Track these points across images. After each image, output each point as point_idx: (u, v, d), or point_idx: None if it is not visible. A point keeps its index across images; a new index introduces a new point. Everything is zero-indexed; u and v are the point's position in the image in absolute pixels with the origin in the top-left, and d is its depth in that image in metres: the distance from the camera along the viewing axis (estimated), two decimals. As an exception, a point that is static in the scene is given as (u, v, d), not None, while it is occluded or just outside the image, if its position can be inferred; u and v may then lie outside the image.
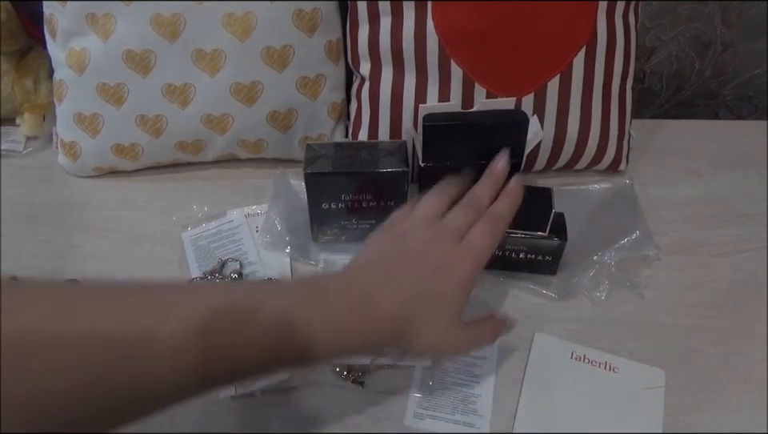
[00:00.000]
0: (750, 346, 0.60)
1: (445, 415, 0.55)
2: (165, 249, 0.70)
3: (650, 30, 0.84)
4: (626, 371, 0.58)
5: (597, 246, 0.66)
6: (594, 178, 0.76)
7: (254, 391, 0.56)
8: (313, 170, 0.61)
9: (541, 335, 0.61)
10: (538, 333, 0.61)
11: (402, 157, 0.62)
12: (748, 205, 0.74)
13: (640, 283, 0.65)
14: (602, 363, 0.59)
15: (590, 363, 0.59)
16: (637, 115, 0.79)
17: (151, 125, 0.73)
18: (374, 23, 0.69)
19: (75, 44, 0.71)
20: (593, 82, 0.69)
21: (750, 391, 0.57)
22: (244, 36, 0.69)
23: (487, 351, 0.59)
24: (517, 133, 0.62)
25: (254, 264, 0.68)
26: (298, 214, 0.70)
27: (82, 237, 0.71)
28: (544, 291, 0.64)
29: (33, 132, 0.82)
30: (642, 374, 0.58)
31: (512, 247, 0.63)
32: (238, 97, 0.71)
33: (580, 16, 0.66)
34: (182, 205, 0.74)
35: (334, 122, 0.77)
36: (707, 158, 0.80)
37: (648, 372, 0.58)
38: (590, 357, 0.59)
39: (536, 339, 0.61)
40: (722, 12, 0.82)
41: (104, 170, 0.78)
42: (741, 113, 0.95)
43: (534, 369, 0.58)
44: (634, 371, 0.58)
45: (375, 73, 0.71)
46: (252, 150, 0.77)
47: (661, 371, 0.58)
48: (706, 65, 0.89)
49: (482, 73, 0.67)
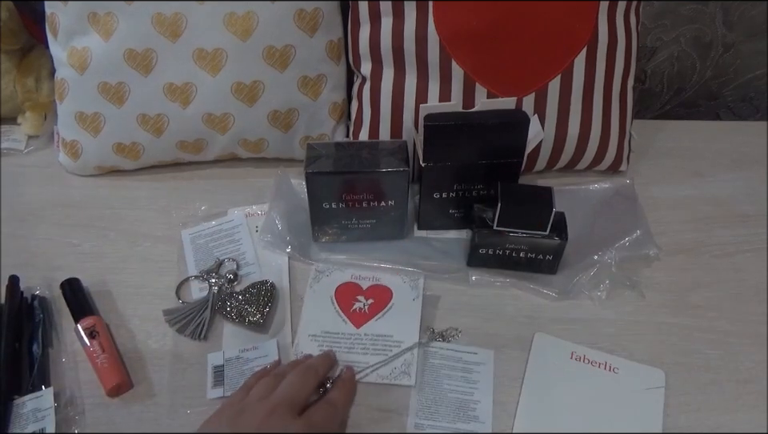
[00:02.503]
0: (750, 346, 0.60)
1: (445, 425, 0.55)
2: (165, 248, 0.70)
3: (651, 30, 0.84)
4: (626, 372, 0.58)
5: (597, 245, 0.66)
6: (595, 178, 0.76)
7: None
8: (314, 169, 0.61)
9: (541, 334, 0.61)
10: (538, 333, 0.61)
11: (403, 157, 0.62)
12: (749, 205, 0.74)
13: (640, 283, 0.65)
14: (602, 363, 0.59)
15: (590, 364, 0.59)
16: (638, 116, 0.79)
17: (152, 124, 0.73)
18: (375, 23, 0.69)
19: (77, 43, 0.71)
20: (594, 82, 0.69)
21: (750, 392, 0.57)
22: (245, 36, 0.69)
23: (483, 356, 0.59)
24: (517, 133, 0.62)
25: (251, 265, 0.68)
26: (298, 213, 0.70)
27: (82, 236, 0.71)
28: (544, 290, 0.64)
29: (34, 131, 0.82)
30: (642, 374, 0.58)
31: (513, 246, 0.63)
32: (239, 96, 0.71)
33: (581, 16, 0.66)
34: (182, 204, 0.74)
35: (334, 122, 0.77)
36: (708, 158, 0.81)
37: (648, 373, 0.58)
38: (590, 357, 0.59)
39: (536, 338, 0.61)
40: (723, 13, 0.82)
41: (105, 169, 0.78)
42: (742, 114, 0.95)
43: (534, 369, 0.58)
44: (634, 372, 0.58)
45: (376, 73, 0.71)
46: (253, 150, 0.77)
47: (661, 371, 0.58)
48: (707, 65, 0.89)
49: (482, 73, 0.67)
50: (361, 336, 0.61)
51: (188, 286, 0.66)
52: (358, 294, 0.64)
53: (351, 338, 0.60)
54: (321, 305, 0.63)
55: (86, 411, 0.56)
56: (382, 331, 0.61)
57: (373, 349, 0.60)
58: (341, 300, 0.64)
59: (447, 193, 0.67)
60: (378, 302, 0.63)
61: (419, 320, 0.61)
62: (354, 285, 0.65)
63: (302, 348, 0.60)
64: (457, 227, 0.71)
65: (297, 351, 0.60)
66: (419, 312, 0.62)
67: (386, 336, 0.60)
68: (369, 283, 0.65)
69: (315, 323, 0.62)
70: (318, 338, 0.61)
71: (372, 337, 0.60)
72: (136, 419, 0.56)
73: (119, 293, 0.65)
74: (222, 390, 0.57)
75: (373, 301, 0.63)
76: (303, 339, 0.61)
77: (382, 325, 0.62)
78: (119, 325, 0.62)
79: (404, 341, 0.60)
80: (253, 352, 0.59)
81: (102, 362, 0.57)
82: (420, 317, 0.62)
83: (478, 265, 0.66)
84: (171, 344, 0.61)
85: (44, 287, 0.65)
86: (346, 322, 0.62)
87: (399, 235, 0.69)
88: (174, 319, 0.62)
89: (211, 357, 0.59)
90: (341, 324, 0.62)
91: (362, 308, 0.63)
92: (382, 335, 0.61)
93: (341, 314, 0.62)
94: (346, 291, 0.64)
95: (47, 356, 0.60)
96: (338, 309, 0.63)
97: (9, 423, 0.54)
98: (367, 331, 0.61)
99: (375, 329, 0.61)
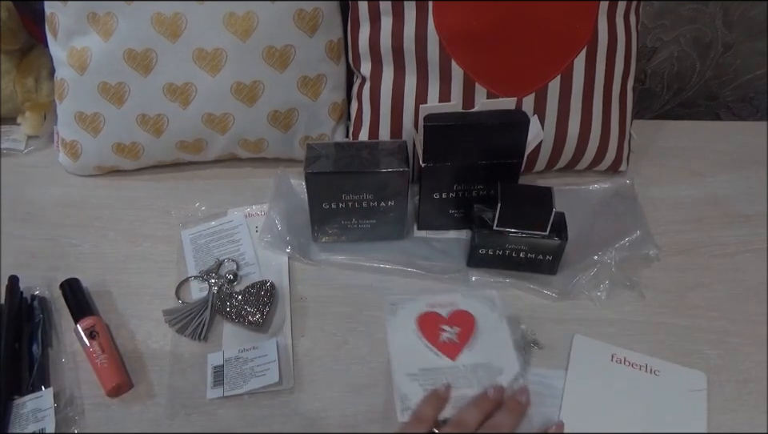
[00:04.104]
0: (750, 346, 0.60)
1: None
2: (165, 248, 0.70)
3: (651, 30, 0.84)
4: (668, 374, 0.58)
5: (597, 246, 0.66)
6: (595, 179, 0.76)
7: (242, 393, 0.57)
8: (313, 169, 0.61)
9: (579, 337, 0.60)
10: (577, 335, 0.61)
11: (403, 157, 0.62)
12: (748, 206, 0.74)
13: (640, 283, 0.65)
14: (643, 365, 0.58)
15: (630, 366, 0.58)
16: (637, 116, 0.80)
17: (152, 124, 0.73)
18: (375, 23, 0.69)
19: (76, 43, 0.71)
20: (594, 82, 0.69)
21: (750, 391, 0.57)
22: (245, 36, 0.69)
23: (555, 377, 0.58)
24: (517, 133, 0.62)
25: (250, 265, 0.68)
26: (298, 214, 0.70)
27: (82, 236, 0.71)
28: (545, 290, 0.64)
29: (34, 131, 0.82)
30: (683, 377, 0.58)
31: (513, 247, 0.63)
32: (239, 96, 0.71)
33: (581, 16, 0.66)
34: (182, 204, 0.74)
35: (334, 122, 0.77)
36: (708, 158, 0.81)
37: (689, 375, 0.58)
38: (631, 359, 0.59)
39: (575, 340, 0.60)
40: (723, 13, 0.82)
41: (105, 169, 0.78)
42: (741, 114, 0.95)
43: (574, 371, 0.58)
44: (675, 374, 0.58)
45: (376, 73, 0.71)
46: (253, 150, 0.77)
47: (702, 373, 0.58)
48: (707, 66, 0.89)
49: (482, 73, 0.67)
50: (459, 368, 0.56)
51: (188, 286, 0.66)
52: (442, 323, 0.59)
53: (451, 372, 0.56)
54: (407, 340, 0.58)
55: (86, 411, 0.56)
56: (478, 359, 0.56)
57: (477, 381, 0.55)
58: (426, 332, 0.58)
59: (447, 193, 0.67)
60: (464, 330, 0.58)
61: (511, 341, 0.58)
62: (435, 314, 0.60)
63: (405, 391, 0.54)
64: (457, 227, 0.71)
65: (401, 394, 0.54)
66: (508, 331, 0.58)
67: (485, 364, 0.56)
68: (448, 309, 0.60)
69: (409, 362, 0.57)
70: (419, 377, 0.55)
71: (471, 367, 0.56)
72: (136, 420, 0.56)
73: (119, 293, 0.65)
74: (222, 390, 0.57)
75: (460, 329, 0.58)
76: (402, 379, 0.55)
77: (477, 354, 0.57)
78: (119, 325, 0.62)
79: (503, 367, 0.56)
80: (252, 352, 0.59)
81: (102, 362, 0.57)
82: (510, 336, 0.58)
83: (477, 265, 0.66)
84: (171, 344, 0.61)
85: (44, 287, 0.65)
86: (439, 355, 0.57)
87: (399, 235, 0.69)
88: (173, 319, 0.62)
89: (211, 357, 0.59)
90: (434, 359, 0.57)
91: (451, 338, 0.58)
92: (480, 364, 0.56)
93: (430, 347, 0.57)
94: (429, 321, 0.59)
95: (47, 357, 0.60)
96: (425, 342, 0.58)
97: (9, 423, 0.54)
98: (465, 362, 0.56)
99: (471, 359, 0.56)
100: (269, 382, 0.57)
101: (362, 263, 0.67)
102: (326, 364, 0.60)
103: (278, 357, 0.59)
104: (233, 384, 0.57)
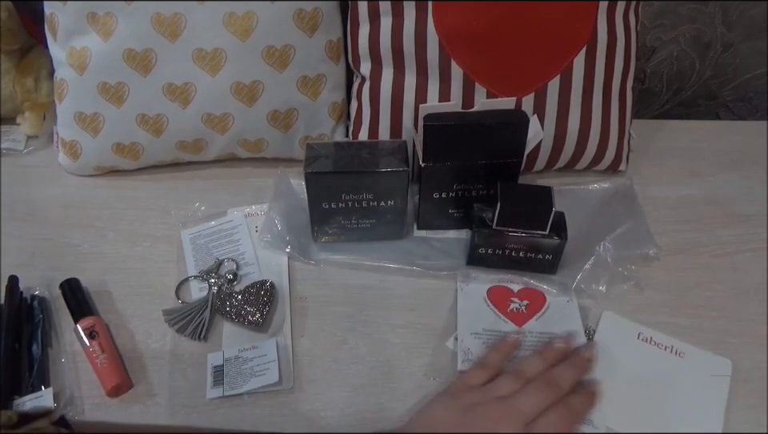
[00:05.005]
0: (749, 346, 0.60)
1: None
2: (164, 248, 0.70)
3: (651, 30, 0.84)
4: (693, 357, 0.58)
5: (597, 245, 0.66)
6: (594, 178, 0.76)
7: (242, 393, 0.57)
8: (313, 169, 0.61)
9: (608, 314, 0.61)
10: (605, 311, 0.61)
11: (403, 157, 0.62)
12: (748, 205, 0.74)
13: (640, 283, 0.65)
14: (669, 346, 0.59)
15: (656, 346, 0.59)
16: (637, 115, 0.79)
17: (152, 124, 0.73)
18: (375, 23, 0.69)
19: (76, 43, 0.71)
20: (593, 82, 0.69)
21: (750, 391, 0.57)
22: (245, 35, 0.69)
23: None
24: (517, 133, 0.62)
25: (250, 265, 0.68)
26: (298, 213, 0.70)
27: (82, 236, 0.71)
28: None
29: (33, 131, 0.82)
30: (708, 361, 0.58)
31: (512, 246, 0.63)
32: (239, 96, 0.71)
33: (580, 16, 0.66)
34: (182, 204, 0.74)
35: (334, 122, 0.77)
36: (707, 158, 0.80)
37: (715, 360, 0.58)
38: (657, 340, 0.59)
39: (603, 317, 0.61)
40: (722, 12, 0.82)
41: (104, 169, 0.78)
42: (741, 113, 0.95)
43: (600, 347, 0.58)
44: (701, 358, 0.58)
45: (376, 72, 0.71)
46: (252, 150, 0.77)
47: (728, 360, 0.58)
48: (707, 65, 0.89)
49: (482, 73, 0.67)
50: (525, 334, 0.60)
51: (188, 286, 0.66)
52: (511, 296, 0.63)
53: (516, 335, 0.59)
54: (476, 306, 0.62)
55: (86, 411, 0.56)
56: (545, 329, 0.60)
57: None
58: (495, 301, 0.63)
59: (447, 193, 0.67)
60: (533, 303, 0.62)
61: (580, 321, 0.61)
62: (505, 288, 0.64)
63: (468, 345, 0.59)
64: (456, 227, 0.71)
65: (463, 347, 0.58)
66: (578, 313, 0.61)
67: (551, 334, 0.59)
68: (519, 286, 0.64)
69: (475, 322, 0.61)
70: (482, 336, 0.60)
71: (537, 334, 0.59)
72: (136, 420, 0.56)
73: (119, 293, 0.65)
74: (222, 390, 0.57)
75: (528, 302, 0.62)
76: (466, 336, 0.60)
77: (543, 324, 0.60)
78: (119, 325, 0.62)
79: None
80: (252, 352, 0.59)
81: (102, 362, 0.57)
82: (580, 318, 0.61)
83: (477, 265, 0.66)
84: (171, 344, 0.61)
85: (43, 287, 0.65)
86: (506, 321, 0.61)
87: (399, 234, 0.69)
88: (173, 319, 0.62)
89: (211, 357, 0.59)
90: (501, 323, 0.61)
91: (519, 308, 0.62)
92: (546, 332, 0.59)
93: (498, 314, 0.62)
94: (498, 293, 0.63)
95: (47, 356, 0.60)
96: (494, 310, 0.62)
97: (8, 423, 0.54)
98: (531, 329, 0.60)
99: (538, 328, 0.60)
100: (268, 382, 0.57)
101: (361, 263, 0.67)
102: (326, 364, 0.59)
103: (277, 357, 0.59)
104: (233, 384, 0.57)
